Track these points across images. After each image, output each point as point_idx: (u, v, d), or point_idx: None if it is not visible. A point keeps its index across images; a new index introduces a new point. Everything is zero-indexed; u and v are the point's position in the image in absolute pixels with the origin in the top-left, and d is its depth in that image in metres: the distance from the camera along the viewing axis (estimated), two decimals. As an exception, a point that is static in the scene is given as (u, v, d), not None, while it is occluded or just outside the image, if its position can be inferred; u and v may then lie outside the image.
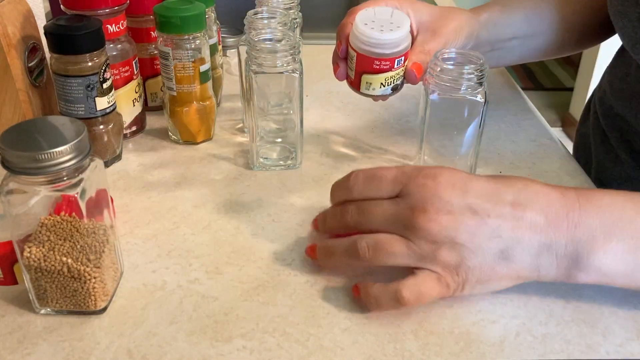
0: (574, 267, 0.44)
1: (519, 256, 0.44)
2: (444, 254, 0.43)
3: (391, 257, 0.45)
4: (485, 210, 0.43)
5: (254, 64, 0.58)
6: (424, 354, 0.43)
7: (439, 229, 0.43)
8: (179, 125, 0.68)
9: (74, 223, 0.43)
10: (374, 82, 0.58)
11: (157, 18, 0.63)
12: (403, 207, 0.44)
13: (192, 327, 0.45)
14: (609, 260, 0.43)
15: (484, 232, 0.43)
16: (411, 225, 0.44)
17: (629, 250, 0.43)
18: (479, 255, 0.43)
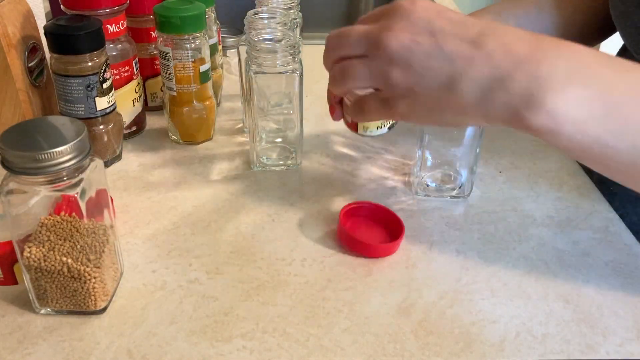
0: (524, 106, 0.40)
1: (467, 87, 0.41)
2: (395, 76, 0.42)
3: (355, 79, 0.45)
4: (446, 35, 0.42)
5: (254, 64, 0.58)
6: (424, 354, 0.43)
7: (397, 47, 0.42)
8: (179, 125, 0.68)
9: (74, 223, 0.43)
10: (371, 127, 0.59)
11: (157, 18, 0.63)
12: (376, 25, 0.44)
13: (192, 327, 0.45)
14: (563, 104, 0.39)
15: (438, 57, 0.41)
16: (376, 43, 0.43)
17: (586, 97, 0.39)
18: (428, 80, 0.42)
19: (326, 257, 0.52)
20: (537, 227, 0.57)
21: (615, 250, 0.54)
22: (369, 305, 0.47)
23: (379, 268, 0.51)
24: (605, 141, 0.40)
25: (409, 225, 0.56)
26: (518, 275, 0.51)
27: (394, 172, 0.64)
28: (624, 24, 0.60)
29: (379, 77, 0.44)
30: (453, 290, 0.49)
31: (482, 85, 0.40)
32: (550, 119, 0.39)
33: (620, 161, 0.40)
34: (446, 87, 0.41)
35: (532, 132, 0.41)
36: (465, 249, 0.54)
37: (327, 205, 0.59)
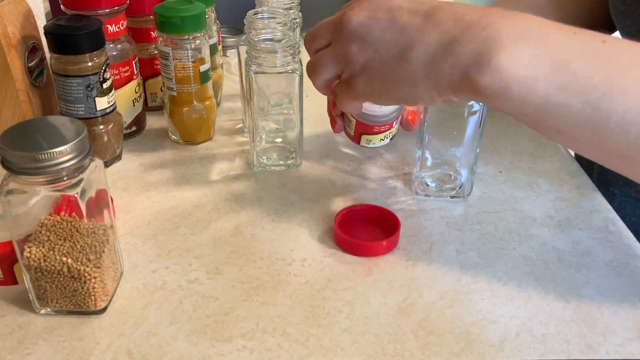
0: (472, 67, 0.39)
1: (417, 55, 0.41)
2: (352, 52, 0.43)
3: (324, 69, 0.46)
4: (402, 9, 0.43)
5: (254, 64, 0.58)
6: (424, 354, 0.43)
7: (354, 25, 0.43)
8: (179, 125, 0.68)
9: (74, 223, 0.43)
10: (374, 139, 0.60)
11: (157, 18, 0.63)
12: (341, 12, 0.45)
13: (192, 327, 0.45)
14: (510, 62, 0.38)
15: (392, 31, 0.42)
16: (337, 25, 0.44)
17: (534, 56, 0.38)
18: (383, 54, 0.42)
19: (326, 257, 0.52)
20: (537, 227, 0.57)
21: (615, 250, 0.54)
22: (369, 305, 0.47)
23: (379, 268, 0.51)
24: (555, 99, 0.38)
25: (409, 225, 0.56)
26: (518, 275, 0.51)
27: (394, 172, 0.64)
28: (625, 23, 0.60)
29: (341, 58, 0.45)
30: (453, 290, 0.49)
31: (430, 52, 0.41)
32: (498, 78, 0.38)
33: (574, 122, 0.39)
34: (399, 58, 0.42)
35: (482, 97, 0.40)
36: (465, 249, 0.54)
37: (327, 205, 0.59)
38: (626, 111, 0.37)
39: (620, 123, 0.38)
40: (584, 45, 0.39)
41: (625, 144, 0.38)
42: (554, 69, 0.38)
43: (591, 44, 0.39)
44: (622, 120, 0.38)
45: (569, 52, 0.38)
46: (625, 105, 0.37)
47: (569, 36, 0.39)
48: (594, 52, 0.38)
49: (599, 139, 0.39)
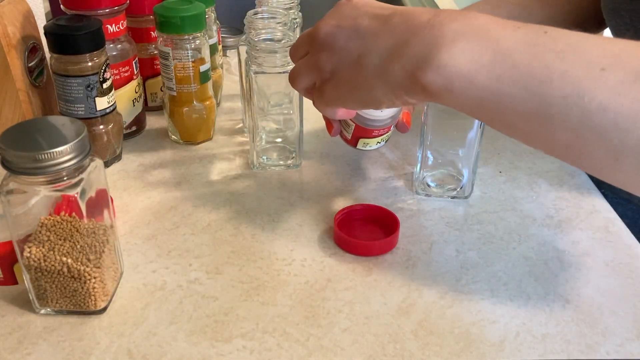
0: (417, 67, 0.40)
1: (370, 60, 0.42)
2: (321, 60, 0.45)
3: (299, 79, 0.48)
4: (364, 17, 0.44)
5: (254, 64, 0.58)
6: (424, 354, 0.43)
7: (324, 33, 0.45)
8: (179, 125, 0.68)
9: (74, 223, 0.43)
10: (371, 143, 0.60)
11: (157, 18, 0.63)
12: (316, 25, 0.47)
13: (192, 327, 0.45)
14: (451, 58, 0.39)
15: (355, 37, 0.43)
16: (311, 36, 0.46)
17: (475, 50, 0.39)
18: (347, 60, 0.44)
19: (326, 257, 0.52)
20: (537, 227, 0.57)
21: (615, 250, 0.54)
22: (369, 305, 0.47)
23: (379, 268, 0.51)
24: (496, 89, 0.39)
25: (409, 225, 0.56)
26: (518, 275, 0.51)
27: (394, 172, 0.64)
28: (615, 21, 0.60)
29: (313, 67, 0.46)
30: (453, 290, 0.49)
31: (382, 55, 0.42)
32: (441, 74, 0.39)
33: (519, 112, 0.39)
34: (357, 63, 0.43)
35: (430, 95, 0.41)
36: (465, 249, 0.54)
37: (327, 205, 0.59)
38: (566, 96, 0.37)
39: (563, 109, 0.38)
40: (526, 37, 0.39)
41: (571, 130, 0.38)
42: (494, 61, 0.38)
43: (533, 35, 0.39)
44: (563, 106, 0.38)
45: (510, 45, 0.39)
46: (564, 90, 0.37)
47: (512, 30, 0.40)
48: (535, 42, 0.39)
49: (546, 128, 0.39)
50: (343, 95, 0.45)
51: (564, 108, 0.38)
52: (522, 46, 0.39)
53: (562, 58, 0.38)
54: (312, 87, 0.48)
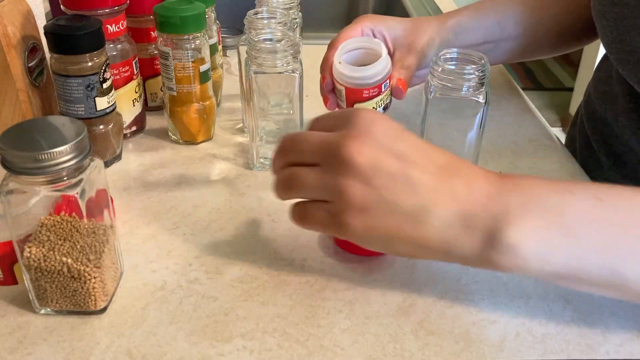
0: (488, 245, 0.40)
1: (431, 221, 0.40)
2: (353, 190, 0.40)
3: (303, 188, 0.43)
4: (413, 161, 0.41)
5: (254, 64, 0.58)
6: (424, 354, 0.43)
7: (360, 162, 0.40)
8: (179, 125, 0.68)
9: (74, 223, 0.43)
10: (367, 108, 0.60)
11: (157, 18, 0.63)
12: (334, 135, 0.42)
13: (192, 327, 0.45)
14: (522, 238, 0.39)
15: (402, 182, 0.40)
16: (335, 153, 0.41)
17: (543, 228, 0.40)
18: (389, 205, 0.40)
19: (326, 257, 0.52)
20: (537, 227, 0.56)
21: (615, 250, 0.54)
22: (369, 305, 0.47)
23: (379, 268, 0.51)
24: (571, 267, 0.40)
25: (409, 225, 0.56)
26: (518, 275, 0.51)
27: (394, 172, 0.64)
28: (601, 23, 0.61)
29: (332, 190, 0.41)
30: (453, 290, 0.49)
31: (447, 221, 0.40)
32: (514, 256, 0.40)
33: (594, 281, 0.41)
34: (411, 217, 0.40)
35: (500, 270, 0.41)
36: (465, 249, 0.53)
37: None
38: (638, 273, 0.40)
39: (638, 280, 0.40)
40: (583, 206, 0.41)
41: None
42: (562, 239, 0.40)
43: (589, 204, 0.41)
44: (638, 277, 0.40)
45: (573, 219, 0.40)
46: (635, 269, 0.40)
47: (570, 197, 0.41)
48: (595, 215, 0.40)
49: (621, 291, 0.41)
50: (375, 240, 0.42)
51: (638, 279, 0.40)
52: (587, 221, 0.40)
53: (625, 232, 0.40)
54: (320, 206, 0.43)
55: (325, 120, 0.45)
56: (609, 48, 0.60)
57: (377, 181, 0.40)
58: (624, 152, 0.66)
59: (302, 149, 0.43)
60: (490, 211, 0.40)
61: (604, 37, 0.61)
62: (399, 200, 0.40)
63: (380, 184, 0.40)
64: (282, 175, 0.44)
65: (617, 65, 0.60)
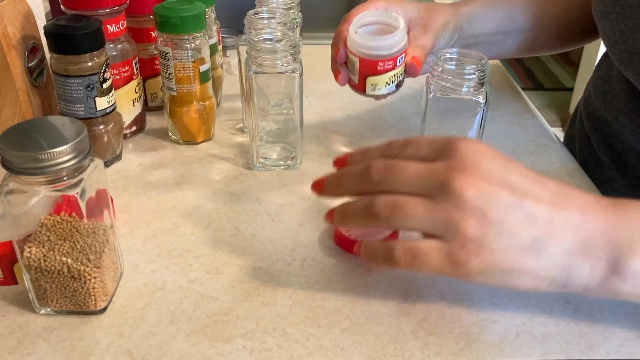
0: (609, 272, 0.40)
1: (551, 250, 0.40)
2: (468, 226, 0.39)
3: (410, 219, 0.41)
4: (525, 191, 0.40)
5: (254, 64, 0.58)
6: (424, 354, 0.43)
7: (473, 196, 0.39)
8: (179, 125, 0.68)
9: (74, 223, 0.43)
10: (380, 83, 0.59)
11: (157, 18, 0.63)
12: (439, 167, 0.41)
13: (192, 327, 0.45)
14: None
15: (518, 213, 0.40)
16: (444, 186, 0.40)
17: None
18: (508, 238, 0.39)
19: (326, 257, 0.52)
20: (537, 227, 0.56)
21: (615, 250, 0.54)
22: (369, 305, 0.47)
23: (379, 268, 0.51)
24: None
25: (409, 225, 0.56)
26: (518, 275, 0.51)
27: (394, 172, 0.64)
28: (602, 24, 0.61)
29: (443, 225, 0.40)
30: (453, 290, 0.49)
31: (566, 250, 0.40)
32: (636, 281, 0.40)
33: None
34: (530, 249, 0.40)
35: (622, 298, 0.42)
36: (465, 249, 0.53)
37: (326, 206, 0.58)
38: None
39: None
40: None
41: None
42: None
43: None
44: None
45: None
46: None
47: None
48: None
49: None
50: (496, 275, 0.40)
51: None
52: None
53: None
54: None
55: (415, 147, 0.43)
56: (612, 49, 0.60)
57: (492, 214, 0.39)
58: (624, 151, 0.66)
59: (402, 179, 0.42)
60: (611, 240, 0.40)
61: (605, 38, 0.61)
62: (517, 232, 0.39)
63: (495, 217, 0.39)
64: (381, 202, 0.42)
65: (619, 65, 0.60)
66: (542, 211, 0.40)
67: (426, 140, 0.44)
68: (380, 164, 0.43)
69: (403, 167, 0.42)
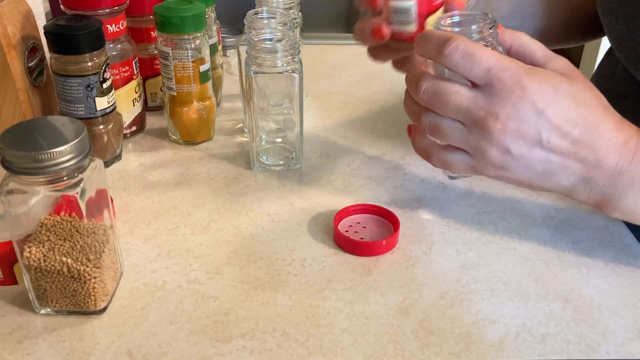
0: (602, 203, 0.48)
1: (559, 179, 0.47)
2: (493, 154, 0.46)
3: (446, 138, 0.48)
4: (550, 134, 0.45)
5: (254, 64, 0.58)
6: (424, 354, 0.43)
7: (502, 137, 0.45)
8: (179, 125, 0.68)
9: (73, 223, 0.43)
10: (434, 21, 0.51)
11: (157, 18, 0.63)
12: (480, 104, 0.46)
13: (192, 327, 0.45)
14: (636, 207, 0.47)
15: (538, 151, 0.46)
16: (478, 124, 0.46)
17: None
18: (524, 167, 0.47)
19: (326, 257, 0.52)
20: (537, 227, 0.57)
21: (615, 250, 0.54)
22: (369, 305, 0.47)
23: (379, 268, 0.51)
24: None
25: (409, 225, 0.56)
26: (518, 275, 0.51)
27: (394, 171, 0.64)
28: (609, 20, 0.61)
29: (473, 149, 0.47)
30: (453, 290, 0.49)
31: (570, 179, 0.47)
32: (625, 215, 0.49)
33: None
34: (541, 176, 0.47)
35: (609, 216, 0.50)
36: (465, 249, 0.54)
37: (326, 206, 0.59)
38: None
39: None
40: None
41: None
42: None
43: None
44: None
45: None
46: None
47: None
48: None
49: None
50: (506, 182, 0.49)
51: None
52: None
53: None
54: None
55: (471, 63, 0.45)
56: (619, 47, 0.60)
57: (515, 150, 0.46)
58: None
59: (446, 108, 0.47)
60: (613, 183, 0.47)
61: (612, 36, 0.61)
62: (533, 165, 0.47)
63: (517, 153, 0.46)
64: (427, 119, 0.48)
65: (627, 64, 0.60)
66: (562, 151, 0.46)
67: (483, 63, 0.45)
68: (428, 85, 0.47)
69: (448, 95, 0.46)
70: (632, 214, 0.48)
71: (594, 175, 0.47)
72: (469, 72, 0.45)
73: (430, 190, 0.61)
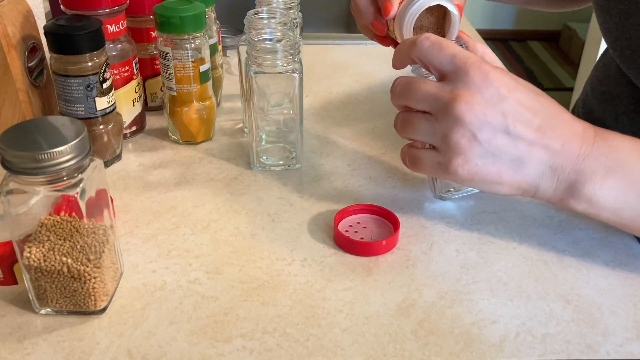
0: (568, 193, 0.48)
1: (527, 170, 0.47)
2: (461, 142, 0.46)
3: (415, 133, 0.50)
4: (515, 119, 0.46)
5: (254, 64, 0.58)
6: (424, 354, 0.43)
7: (469, 120, 0.46)
8: (179, 125, 0.68)
9: (73, 223, 0.43)
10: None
11: (157, 18, 0.63)
12: (446, 89, 0.47)
13: (192, 327, 0.45)
14: (602, 194, 0.47)
15: (504, 137, 0.46)
16: (446, 109, 0.47)
17: (622, 189, 0.47)
18: (491, 156, 0.47)
19: (326, 257, 0.52)
20: (537, 227, 0.57)
21: (615, 250, 0.54)
22: (369, 305, 0.47)
23: (379, 268, 0.51)
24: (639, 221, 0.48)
25: (409, 225, 0.56)
26: (518, 275, 0.51)
27: (394, 172, 0.64)
28: (604, 18, 0.60)
29: (441, 140, 0.48)
30: (453, 290, 0.49)
31: (539, 170, 0.47)
32: (590, 206, 0.48)
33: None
34: (509, 166, 0.47)
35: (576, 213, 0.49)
36: (465, 249, 0.54)
37: (326, 206, 0.59)
38: None
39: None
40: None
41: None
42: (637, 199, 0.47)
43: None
44: None
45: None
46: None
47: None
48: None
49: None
50: (479, 184, 0.49)
51: None
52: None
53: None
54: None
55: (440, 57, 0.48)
56: (613, 45, 0.60)
57: (481, 136, 0.46)
58: None
59: (415, 96, 0.49)
60: (578, 168, 0.47)
61: (607, 34, 0.61)
62: (500, 153, 0.47)
63: (484, 138, 0.46)
64: (399, 117, 0.51)
65: (621, 63, 0.60)
66: (527, 137, 0.47)
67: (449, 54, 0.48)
68: (403, 80, 0.50)
69: (417, 85, 0.49)
70: (597, 202, 0.47)
71: (559, 162, 0.47)
72: (436, 59, 0.48)
73: (430, 190, 0.61)
